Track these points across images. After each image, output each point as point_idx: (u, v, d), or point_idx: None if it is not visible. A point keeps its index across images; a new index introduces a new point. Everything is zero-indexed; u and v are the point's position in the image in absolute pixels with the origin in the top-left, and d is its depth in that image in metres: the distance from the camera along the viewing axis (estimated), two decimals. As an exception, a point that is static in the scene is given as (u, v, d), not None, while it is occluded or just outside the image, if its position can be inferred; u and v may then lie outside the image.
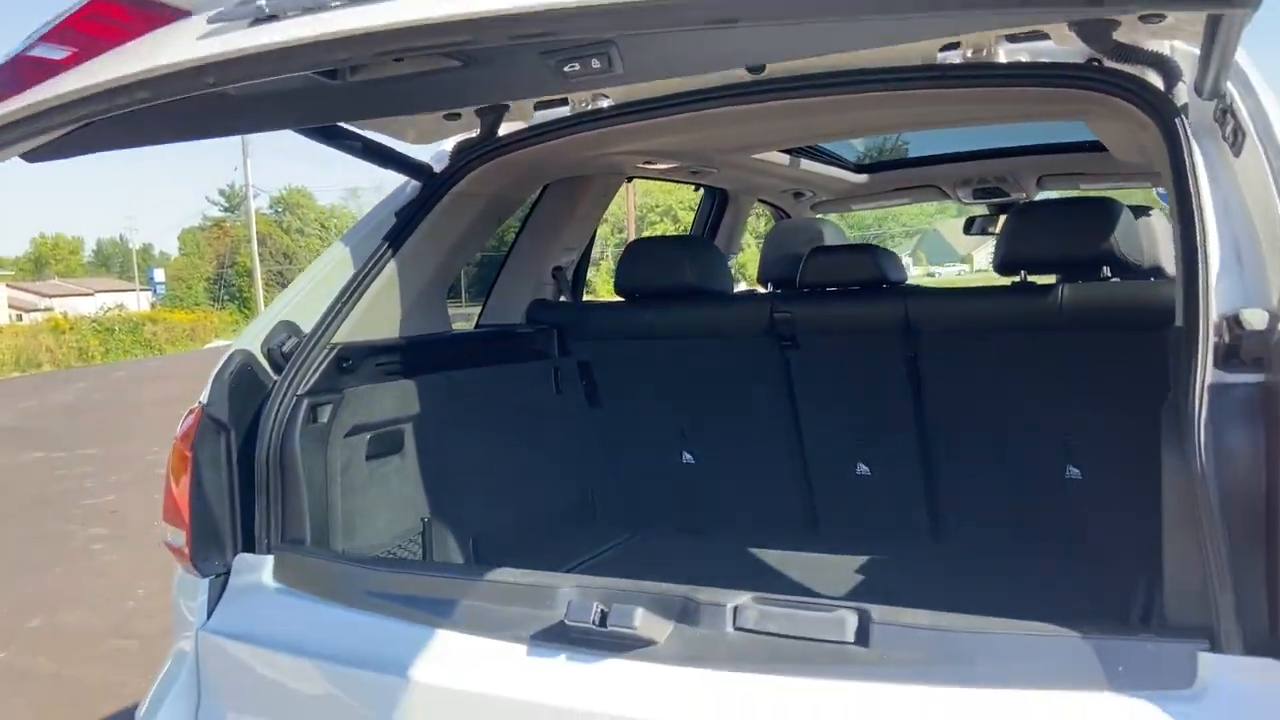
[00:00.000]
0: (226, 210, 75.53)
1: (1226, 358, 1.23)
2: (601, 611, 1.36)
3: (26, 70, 1.29)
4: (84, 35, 1.26)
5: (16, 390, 20.84)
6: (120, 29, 1.24)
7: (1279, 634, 1.13)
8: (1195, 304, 1.28)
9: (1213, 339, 1.24)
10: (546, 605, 1.44)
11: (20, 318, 46.59)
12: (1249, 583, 1.14)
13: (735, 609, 1.35)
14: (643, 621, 1.33)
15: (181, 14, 1.21)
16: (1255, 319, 1.24)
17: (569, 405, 2.94)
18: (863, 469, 2.74)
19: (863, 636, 1.27)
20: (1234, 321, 1.25)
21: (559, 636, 1.40)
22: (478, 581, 1.61)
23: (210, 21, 1.17)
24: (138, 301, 58.64)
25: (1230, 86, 1.52)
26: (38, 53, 1.29)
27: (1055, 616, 1.27)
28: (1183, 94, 1.62)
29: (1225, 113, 1.50)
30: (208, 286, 64.93)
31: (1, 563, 6.32)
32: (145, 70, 1.22)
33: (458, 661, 1.45)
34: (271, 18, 1.13)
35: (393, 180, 2.51)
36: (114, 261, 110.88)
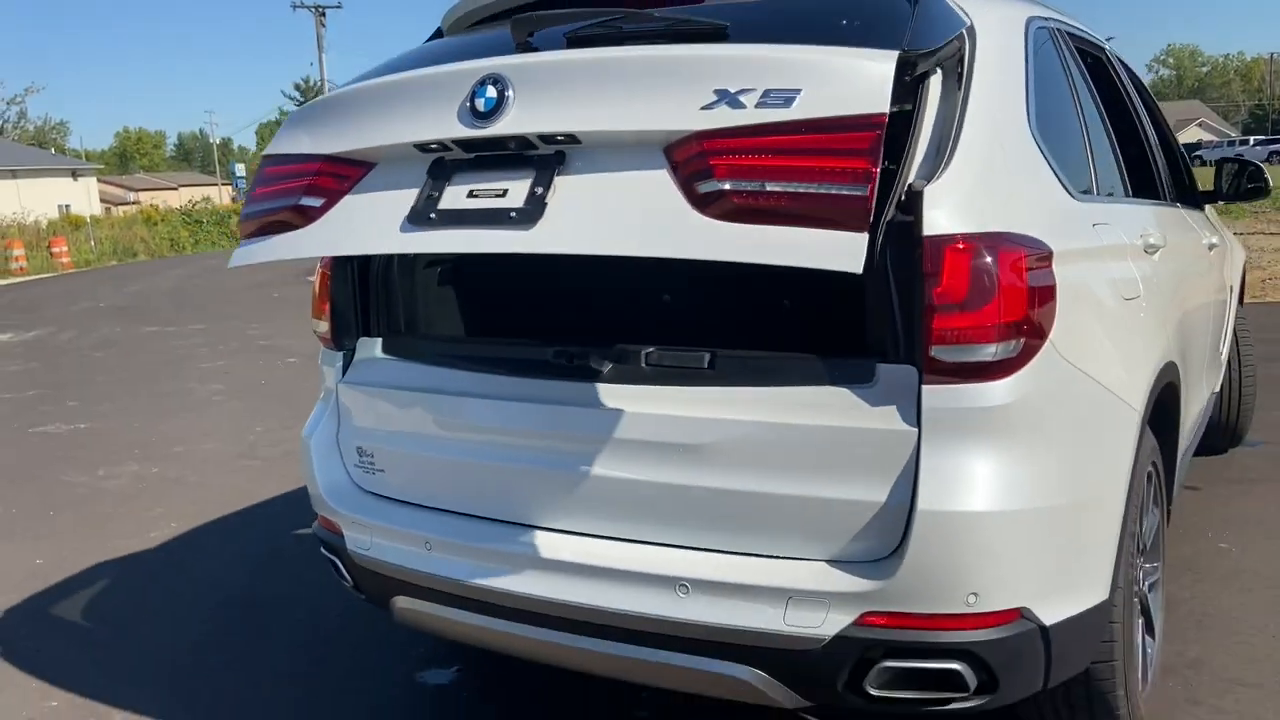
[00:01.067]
0: (302, 104, 76.62)
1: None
2: (574, 356, 2.28)
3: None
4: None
5: (120, 276, 22.47)
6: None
7: (911, 354, 1.96)
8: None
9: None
10: (539, 353, 2.35)
11: (109, 211, 48.66)
12: (902, 330, 1.99)
13: (647, 354, 2.25)
14: (595, 361, 2.24)
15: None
16: (918, 186, 2.01)
17: None
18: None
19: (712, 364, 2.18)
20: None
21: (551, 371, 2.31)
22: (504, 346, 2.57)
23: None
24: (220, 195, 60.49)
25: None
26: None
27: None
28: None
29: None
30: (286, 180, 66.41)
31: (144, 409, 7.58)
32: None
33: (488, 384, 2.38)
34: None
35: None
36: (195, 156, 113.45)
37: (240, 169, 64.82)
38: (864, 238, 1.65)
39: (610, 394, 2.20)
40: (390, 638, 3.36)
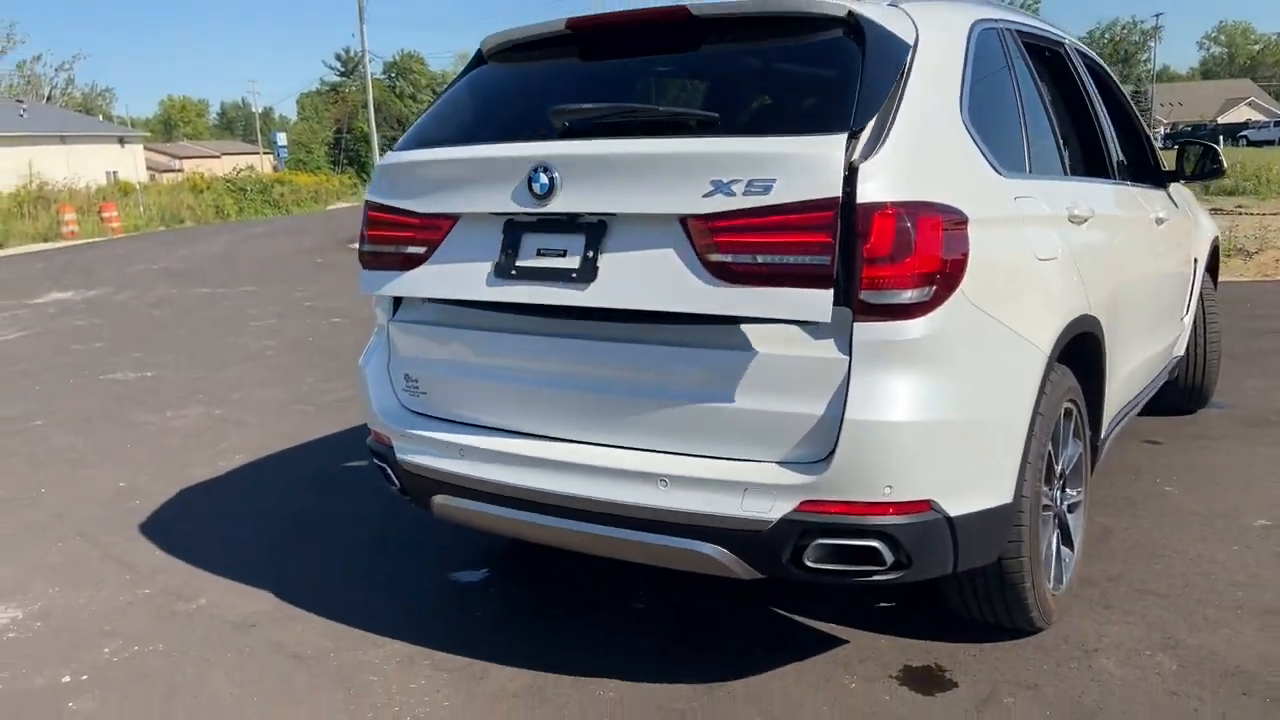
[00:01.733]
0: (342, 75, 77.37)
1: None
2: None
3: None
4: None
5: (168, 241, 23.26)
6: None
7: (847, 298, 2.41)
8: None
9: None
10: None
11: (154, 177, 49.70)
12: (841, 279, 2.44)
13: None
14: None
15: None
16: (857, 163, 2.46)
17: None
18: None
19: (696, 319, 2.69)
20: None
21: (560, 313, 2.78)
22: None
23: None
24: (261, 164, 61.38)
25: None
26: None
27: None
28: None
29: None
30: (327, 150, 67.38)
31: (203, 360, 8.21)
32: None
33: (511, 323, 2.85)
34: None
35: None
36: (237, 125, 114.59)
37: (282, 138, 65.63)
38: (829, 293, 2.32)
39: (608, 331, 2.71)
40: (429, 546, 3.92)
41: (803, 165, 2.38)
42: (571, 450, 2.72)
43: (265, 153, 71.84)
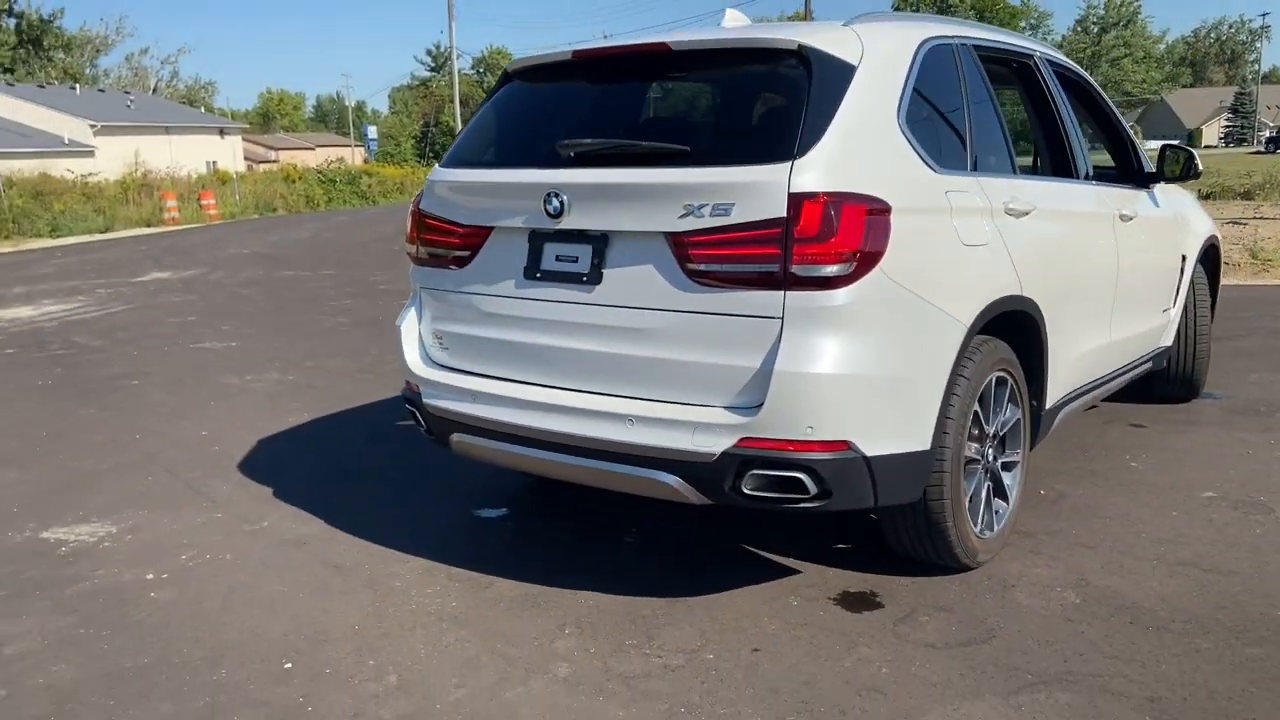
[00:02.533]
0: (432, 70, 79.21)
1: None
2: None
3: None
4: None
5: (260, 228, 24.47)
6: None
7: (783, 270, 2.93)
8: None
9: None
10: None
11: (251, 167, 51.70)
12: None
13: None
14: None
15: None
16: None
17: None
18: None
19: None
20: None
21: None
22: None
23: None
24: (352, 156, 63.23)
25: None
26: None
27: None
28: None
29: None
30: (414, 144, 69.12)
31: (282, 333, 8.97)
32: None
33: (518, 289, 3.43)
34: None
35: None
36: (331, 118, 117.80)
37: (372, 131, 67.56)
38: (780, 294, 2.87)
39: (590, 295, 3.25)
40: (460, 489, 4.51)
41: (754, 192, 2.91)
42: (561, 395, 3.27)
43: (356, 145, 73.97)
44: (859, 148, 3.04)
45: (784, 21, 3.58)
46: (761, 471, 2.96)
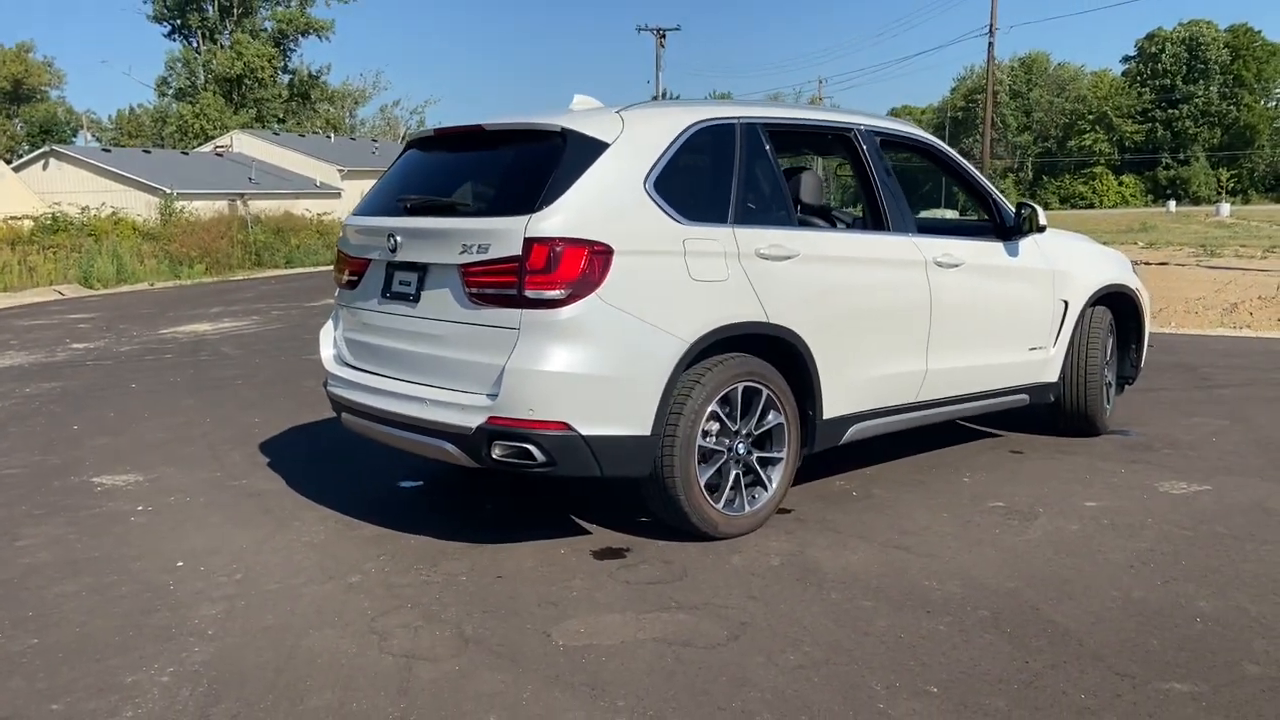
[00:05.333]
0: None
1: None
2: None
3: None
4: None
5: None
6: None
7: (521, 293, 3.92)
8: None
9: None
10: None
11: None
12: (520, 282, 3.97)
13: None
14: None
15: None
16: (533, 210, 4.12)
17: None
18: None
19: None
20: None
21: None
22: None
23: None
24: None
25: None
26: None
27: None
28: None
29: None
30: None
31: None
32: None
33: (374, 306, 4.66)
34: None
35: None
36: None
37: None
38: (519, 311, 3.94)
39: (414, 309, 4.39)
40: (400, 468, 5.72)
41: (502, 236, 3.99)
42: (394, 384, 4.43)
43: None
44: (595, 204, 4.05)
45: (593, 109, 4.65)
46: (503, 442, 4.00)
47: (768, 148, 4.68)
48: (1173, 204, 69.41)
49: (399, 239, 4.38)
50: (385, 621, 3.62)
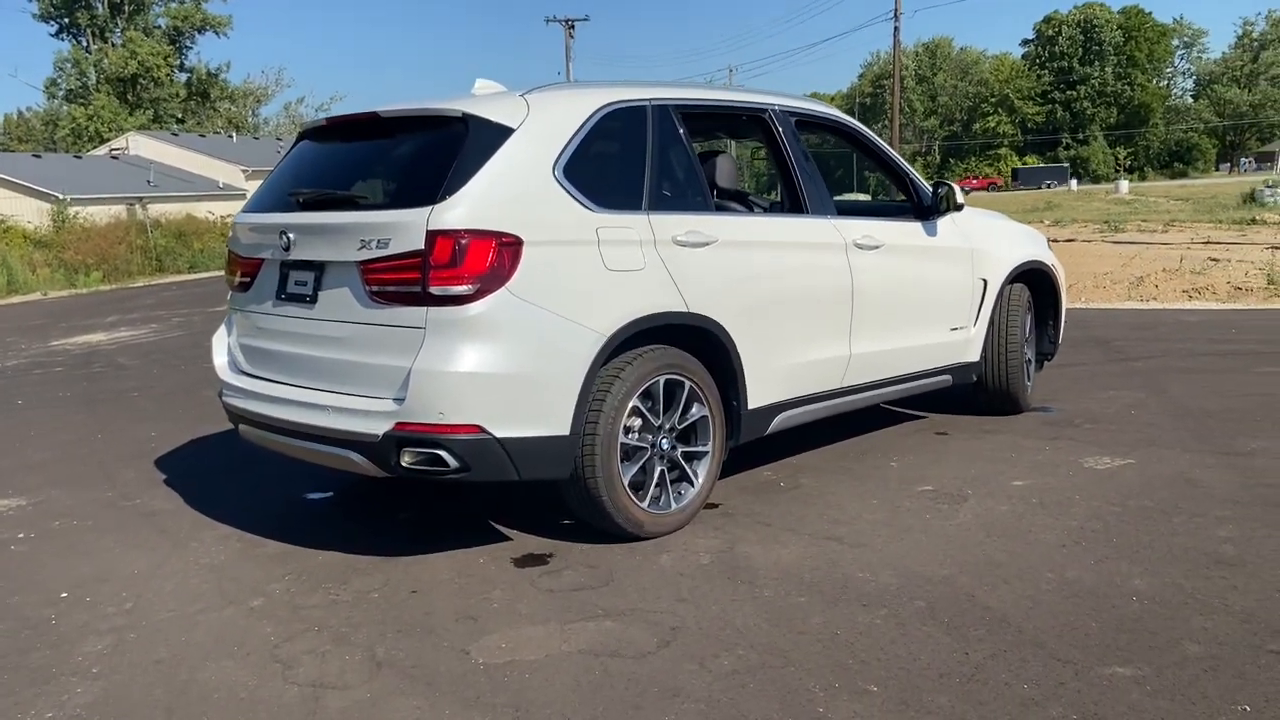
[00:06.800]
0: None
1: None
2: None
3: None
4: None
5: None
6: None
7: (425, 289, 3.66)
8: None
9: None
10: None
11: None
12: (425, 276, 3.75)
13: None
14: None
15: None
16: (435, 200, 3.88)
17: None
18: None
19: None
20: None
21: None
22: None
23: None
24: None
25: None
26: None
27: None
28: None
29: None
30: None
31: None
32: None
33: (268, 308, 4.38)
34: None
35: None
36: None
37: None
38: (424, 309, 3.68)
39: (311, 311, 4.11)
40: (307, 480, 5.42)
41: (403, 229, 3.73)
42: (293, 391, 4.15)
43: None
44: (500, 193, 3.82)
45: (496, 93, 4.41)
46: (412, 448, 3.75)
47: (681, 130, 4.51)
48: (1074, 183, 71.43)
49: (292, 236, 4.10)
50: (290, 648, 3.36)
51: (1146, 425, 5.88)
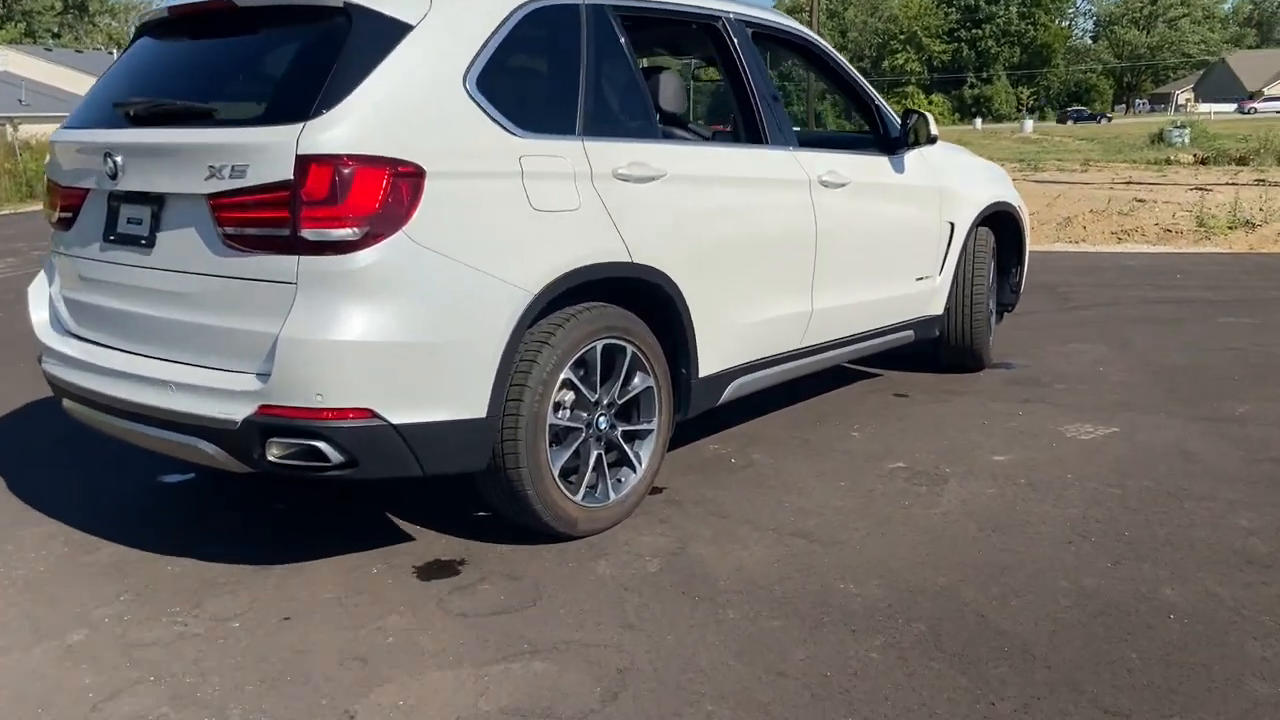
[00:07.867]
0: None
1: None
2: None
3: None
4: None
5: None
6: None
7: (295, 232, 2.80)
8: None
9: None
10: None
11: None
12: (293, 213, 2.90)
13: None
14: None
15: None
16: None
17: None
18: None
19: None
20: None
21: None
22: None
23: None
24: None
25: None
26: None
27: None
28: None
29: None
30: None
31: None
32: None
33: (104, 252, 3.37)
34: None
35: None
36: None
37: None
38: (294, 258, 2.81)
39: (147, 258, 3.20)
40: (151, 457, 4.52)
41: (264, 153, 2.84)
42: (126, 361, 3.24)
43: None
44: (394, 109, 2.96)
45: None
46: (282, 439, 2.92)
47: (622, 39, 3.67)
48: (979, 121, 72.09)
49: (119, 160, 3.17)
50: (112, 710, 2.53)
51: (1120, 385, 5.35)
